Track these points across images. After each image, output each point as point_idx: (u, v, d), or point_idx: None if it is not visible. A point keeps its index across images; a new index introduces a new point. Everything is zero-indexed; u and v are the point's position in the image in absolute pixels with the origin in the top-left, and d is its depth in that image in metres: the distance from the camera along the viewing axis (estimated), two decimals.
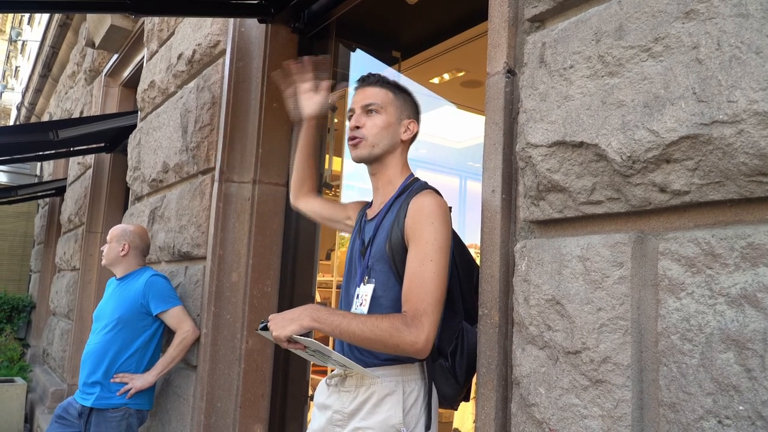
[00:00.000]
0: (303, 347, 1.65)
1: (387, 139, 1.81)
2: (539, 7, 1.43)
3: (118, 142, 5.78)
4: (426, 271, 1.59)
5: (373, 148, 1.81)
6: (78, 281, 6.00)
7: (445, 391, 1.71)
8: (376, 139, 1.80)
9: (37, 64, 9.67)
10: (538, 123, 1.36)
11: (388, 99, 1.83)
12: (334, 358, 1.64)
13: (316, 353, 1.67)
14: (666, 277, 1.10)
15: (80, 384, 3.15)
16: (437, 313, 1.58)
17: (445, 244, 1.63)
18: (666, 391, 1.08)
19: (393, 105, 1.83)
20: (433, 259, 1.60)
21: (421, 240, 1.63)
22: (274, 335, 1.60)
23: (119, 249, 3.24)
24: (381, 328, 1.53)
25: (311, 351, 1.67)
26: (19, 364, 7.45)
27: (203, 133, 3.28)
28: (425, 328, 1.54)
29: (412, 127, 1.86)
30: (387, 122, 1.81)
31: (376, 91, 1.84)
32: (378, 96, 1.83)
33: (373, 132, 1.80)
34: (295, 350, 1.68)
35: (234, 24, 3.18)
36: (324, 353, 1.63)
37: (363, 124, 1.81)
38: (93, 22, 5.65)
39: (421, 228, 1.64)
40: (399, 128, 1.83)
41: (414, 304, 1.57)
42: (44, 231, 9.59)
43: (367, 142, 1.80)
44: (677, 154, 1.08)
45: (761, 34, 0.98)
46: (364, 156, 1.82)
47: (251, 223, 3.00)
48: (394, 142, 1.83)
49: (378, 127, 1.80)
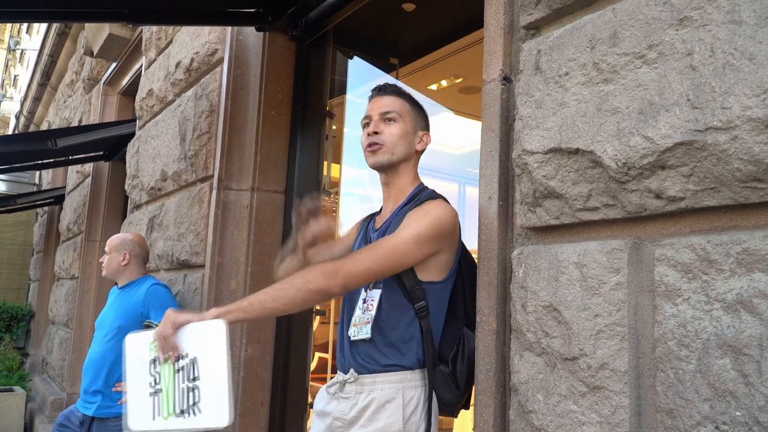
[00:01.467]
0: (177, 355, 1.61)
1: (404, 147, 1.83)
2: (534, 15, 1.44)
3: (117, 151, 5.79)
4: (388, 241, 1.65)
5: (392, 155, 1.82)
6: (77, 290, 6.00)
7: (446, 398, 1.71)
8: (395, 147, 1.82)
9: (36, 73, 9.68)
10: (534, 130, 1.36)
11: (405, 109, 1.86)
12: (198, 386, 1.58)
13: (189, 375, 1.60)
14: (662, 283, 1.10)
15: (82, 392, 3.15)
16: (366, 273, 1.64)
17: (426, 238, 1.65)
18: (663, 397, 1.08)
19: (409, 115, 1.86)
20: (402, 238, 1.64)
21: (406, 224, 1.68)
22: (169, 318, 1.62)
23: (120, 259, 3.24)
24: (289, 278, 1.63)
25: (183, 372, 1.60)
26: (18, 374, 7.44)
27: (201, 141, 3.28)
28: (339, 283, 1.61)
29: (426, 138, 1.88)
30: (404, 131, 1.83)
31: (393, 100, 1.86)
32: (396, 105, 1.85)
33: (392, 140, 1.82)
34: (165, 363, 1.66)
35: (232, 32, 3.19)
36: (198, 377, 1.58)
37: (382, 130, 1.82)
38: (91, 31, 5.67)
39: (412, 217, 1.69)
40: (414, 138, 1.86)
41: (350, 260, 1.63)
42: (43, 240, 9.58)
43: (386, 148, 1.82)
44: (672, 161, 1.09)
45: (754, 40, 0.98)
46: (383, 162, 1.82)
47: (250, 230, 3.00)
48: (410, 151, 1.85)
49: (396, 135, 1.82)
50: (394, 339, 1.70)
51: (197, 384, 1.59)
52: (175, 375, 1.63)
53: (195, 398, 1.59)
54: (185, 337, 1.60)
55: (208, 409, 1.57)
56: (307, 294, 1.61)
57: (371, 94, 1.92)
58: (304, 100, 3.13)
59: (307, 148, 3.11)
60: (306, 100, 3.14)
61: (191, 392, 1.60)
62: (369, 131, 1.83)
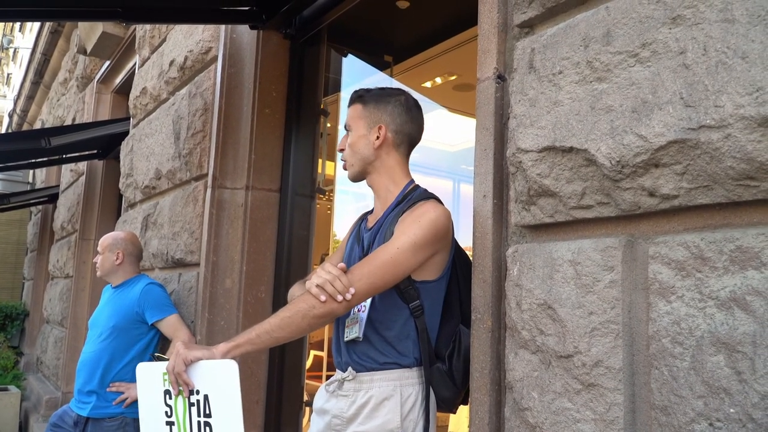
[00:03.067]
0: (189, 391, 1.63)
1: (358, 154, 1.83)
2: (528, 13, 1.44)
3: (111, 149, 5.77)
4: (385, 253, 1.63)
5: (352, 167, 1.85)
6: (71, 288, 5.98)
7: (444, 395, 1.72)
8: (352, 159, 1.85)
9: (29, 71, 9.64)
10: (528, 128, 1.36)
11: (357, 113, 1.85)
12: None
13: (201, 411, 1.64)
14: (656, 281, 1.10)
15: (76, 392, 3.14)
16: (367, 289, 1.61)
17: (422, 244, 1.65)
18: (657, 395, 1.08)
19: (360, 118, 1.84)
20: (399, 248, 1.63)
21: (401, 231, 1.67)
22: (180, 354, 1.61)
23: (113, 258, 3.22)
24: (295, 303, 1.60)
25: (196, 407, 1.63)
26: (12, 373, 7.42)
27: (196, 139, 3.27)
28: (342, 306, 1.58)
29: (382, 131, 1.81)
30: (355, 137, 1.84)
31: (350, 110, 1.88)
32: (350, 114, 1.87)
33: (348, 153, 1.85)
34: (177, 396, 1.67)
35: (225, 30, 3.19)
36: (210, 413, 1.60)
37: (344, 145, 1.87)
38: (84, 30, 5.64)
39: (405, 223, 1.68)
40: (370, 137, 1.82)
41: (351, 278, 1.60)
42: (37, 238, 9.55)
43: (348, 164, 1.86)
44: (666, 159, 1.09)
45: (747, 39, 0.99)
46: (351, 178, 1.87)
47: (244, 229, 2.99)
48: (368, 153, 1.83)
49: (349, 147, 1.85)
50: (390, 338, 1.70)
51: (210, 421, 1.62)
52: (188, 409, 1.66)
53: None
54: (196, 372, 1.61)
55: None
56: (313, 320, 1.60)
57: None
58: (298, 98, 3.13)
59: (301, 147, 3.11)
60: (300, 99, 3.13)
61: (206, 427, 1.63)
62: (338, 149, 1.90)
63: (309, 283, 1.60)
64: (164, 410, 1.71)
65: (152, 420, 1.74)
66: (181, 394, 1.65)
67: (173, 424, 1.69)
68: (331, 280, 1.56)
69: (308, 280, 1.95)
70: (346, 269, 1.60)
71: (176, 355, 1.64)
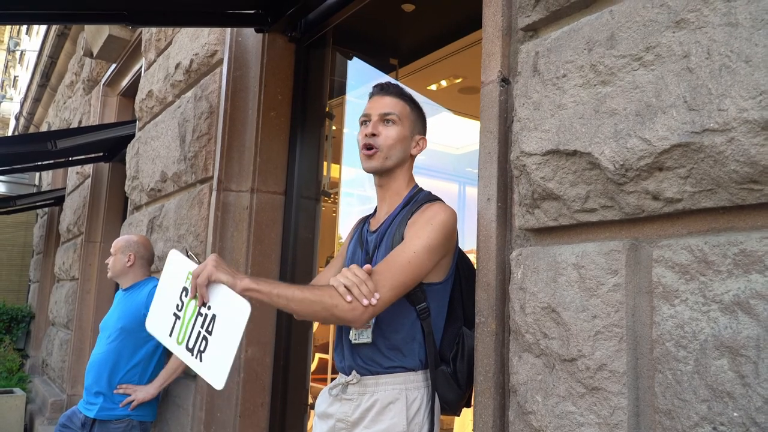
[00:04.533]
0: (203, 303, 1.66)
1: (400, 152, 1.81)
2: (532, 17, 1.44)
3: (117, 152, 5.79)
4: (404, 256, 1.62)
5: (386, 160, 1.80)
6: (77, 291, 6.00)
7: (448, 397, 1.72)
8: (390, 152, 1.80)
9: (36, 74, 9.69)
10: (532, 132, 1.36)
11: (405, 112, 1.83)
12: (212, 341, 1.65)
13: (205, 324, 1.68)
14: (660, 284, 1.10)
15: (84, 393, 3.16)
16: (390, 295, 1.59)
17: (435, 246, 1.65)
18: (661, 398, 1.08)
19: (408, 118, 1.84)
20: (416, 252, 1.62)
21: (415, 234, 1.66)
22: (207, 268, 1.61)
23: (125, 260, 3.23)
24: (322, 290, 1.56)
25: (203, 318, 1.68)
26: (18, 375, 7.44)
27: (201, 142, 3.29)
28: (367, 316, 1.56)
29: (422, 143, 1.87)
30: (402, 135, 1.81)
31: (394, 101, 1.83)
32: (396, 107, 1.82)
33: (388, 143, 1.79)
34: (191, 299, 1.70)
35: (231, 34, 3.20)
36: (211, 332, 1.65)
37: (379, 132, 1.80)
38: (91, 32, 5.67)
39: (418, 224, 1.68)
40: (411, 143, 1.84)
41: (374, 276, 1.58)
42: (43, 241, 9.59)
43: (381, 154, 1.79)
44: (669, 162, 1.09)
45: (750, 42, 0.99)
46: (377, 167, 1.81)
47: (249, 231, 3.00)
48: (405, 155, 1.83)
49: (393, 139, 1.80)
50: (396, 341, 1.70)
51: (209, 337, 1.66)
52: (195, 315, 1.70)
53: (203, 347, 1.67)
54: (215, 292, 1.64)
55: (210, 365, 1.65)
56: (332, 317, 1.58)
57: (372, 91, 1.89)
58: (303, 101, 3.14)
59: (306, 149, 3.12)
60: (305, 101, 3.14)
61: (203, 340, 1.67)
62: (367, 132, 1.80)
63: (334, 280, 1.57)
64: (176, 303, 1.77)
65: (164, 305, 1.81)
66: (195, 299, 1.69)
67: (178, 319, 1.75)
68: (358, 284, 1.53)
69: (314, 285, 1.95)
70: (371, 271, 1.58)
71: (206, 264, 1.63)
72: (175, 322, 1.76)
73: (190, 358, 1.69)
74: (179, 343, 1.73)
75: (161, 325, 1.80)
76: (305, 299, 1.56)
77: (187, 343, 1.71)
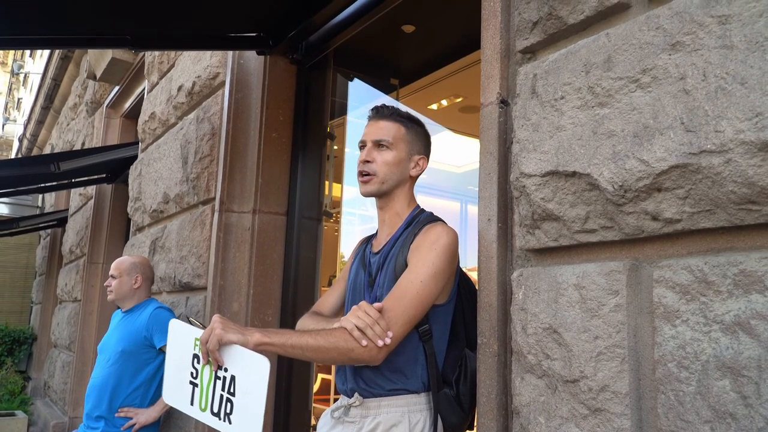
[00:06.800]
0: (218, 366, 1.64)
1: (396, 174, 1.82)
2: (530, 39, 1.46)
3: (120, 173, 5.82)
4: (412, 288, 1.62)
5: (382, 184, 1.81)
6: (79, 313, 6.00)
7: (451, 420, 1.71)
8: (386, 176, 1.80)
9: (39, 96, 9.77)
10: (531, 153, 1.37)
11: (400, 134, 1.83)
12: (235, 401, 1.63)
13: (225, 387, 1.65)
14: (661, 305, 1.11)
15: (84, 417, 3.13)
16: (403, 331, 1.60)
17: (441, 271, 1.65)
18: (664, 419, 1.08)
19: (404, 141, 1.83)
20: (422, 281, 1.62)
21: (419, 261, 1.66)
22: (216, 332, 1.58)
23: (131, 282, 3.22)
24: (335, 336, 1.56)
25: (221, 382, 1.65)
26: (20, 397, 7.41)
27: (203, 163, 3.30)
28: (383, 355, 1.57)
29: (422, 163, 1.86)
30: (397, 158, 1.81)
31: (389, 125, 1.83)
32: (390, 131, 1.82)
33: (383, 169, 1.80)
34: (206, 364, 1.68)
35: (233, 56, 3.23)
36: (234, 393, 1.62)
37: (373, 159, 1.80)
38: (94, 55, 5.73)
39: (422, 250, 1.68)
40: (409, 164, 1.84)
41: (385, 313, 1.58)
42: (46, 262, 9.60)
43: (377, 179, 1.80)
44: (668, 183, 1.10)
45: (746, 65, 1.00)
46: (373, 192, 1.82)
47: (251, 252, 3.01)
48: (403, 177, 1.84)
49: (388, 164, 1.80)
50: (399, 364, 1.69)
51: (233, 399, 1.63)
52: (213, 379, 1.68)
53: (229, 409, 1.64)
54: (228, 353, 1.62)
55: (240, 425, 1.62)
56: (349, 361, 1.60)
57: (369, 115, 1.90)
58: (304, 122, 3.16)
59: (308, 170, 3.13)
60: (307, 122, 3.16)
61: (227, 402, 1.64)
62: (361, 159, 1.82)
63: (346, 322, 1.56)
64: (190, 371, 1.74)
65: (177, 375, 1.78)
66: (210, 364, 1.67)
67: (196, 387, 1.72)
68: (371, 324, 1.54)
69: (318, 311, 1.95)
70: (382, 308, 1.58)
71: (212, 327, 1.60)
72: (194, 390, 1.72)
73: (219, 423, 1.65)
74: (203, 410, 1.69)
75: (180, 395, 1.76)
76: (320, 347, 1.56)
77: (211, 408, 1.67)
